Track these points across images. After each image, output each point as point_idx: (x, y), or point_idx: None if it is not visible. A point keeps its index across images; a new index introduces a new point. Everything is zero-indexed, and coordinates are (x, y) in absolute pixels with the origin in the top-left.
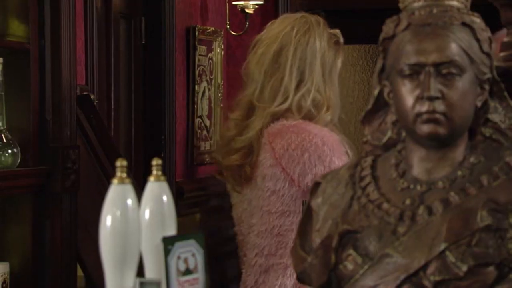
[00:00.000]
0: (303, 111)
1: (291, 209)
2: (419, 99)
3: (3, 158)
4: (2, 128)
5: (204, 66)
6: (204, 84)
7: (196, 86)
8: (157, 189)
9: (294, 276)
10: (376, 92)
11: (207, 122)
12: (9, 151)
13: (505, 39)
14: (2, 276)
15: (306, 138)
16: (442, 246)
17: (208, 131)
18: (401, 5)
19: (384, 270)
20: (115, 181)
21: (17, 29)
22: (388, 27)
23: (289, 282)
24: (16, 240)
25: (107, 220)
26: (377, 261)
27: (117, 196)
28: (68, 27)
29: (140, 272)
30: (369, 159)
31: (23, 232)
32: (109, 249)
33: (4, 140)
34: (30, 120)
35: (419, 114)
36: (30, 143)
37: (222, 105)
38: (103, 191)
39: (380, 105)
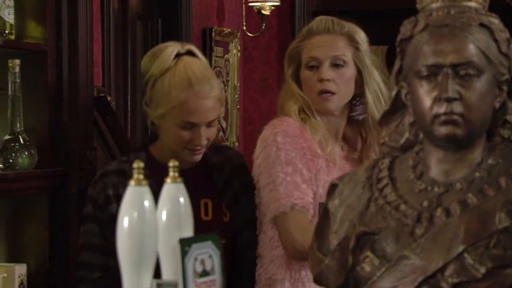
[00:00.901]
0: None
1: (258, 201)
2: (436, 100)
3: (20, 160)
4: (19, 129)
5: (221, 67)
6: (221, 85)
7: None
8: (174, 191)
9: (265, 267)
10: (393, 93)
11: (224, 124)
12: (26, 152)
13: None
14: (19, 277)
15: (266, 131)
16: (460, 248)
17: (224, 133)
18: (418, 6)
19: (401, 272)
20: (132, 182)
21: (34, 31)
22: (405, 28)
23: (263, 272)
24: (33, 241)
25: (124, 221)
26: (395, 263)
27: (134, 198)
28: (85, 28)
29: (157, 273)
30: (386, 161)
31: (39, 233)
32: (126, 250)
33: (21, 142)
34: (47, 121)
35: (436, 116)
36: (47, 145)
37: (238, 106)
38: None
39: (397, 107)
